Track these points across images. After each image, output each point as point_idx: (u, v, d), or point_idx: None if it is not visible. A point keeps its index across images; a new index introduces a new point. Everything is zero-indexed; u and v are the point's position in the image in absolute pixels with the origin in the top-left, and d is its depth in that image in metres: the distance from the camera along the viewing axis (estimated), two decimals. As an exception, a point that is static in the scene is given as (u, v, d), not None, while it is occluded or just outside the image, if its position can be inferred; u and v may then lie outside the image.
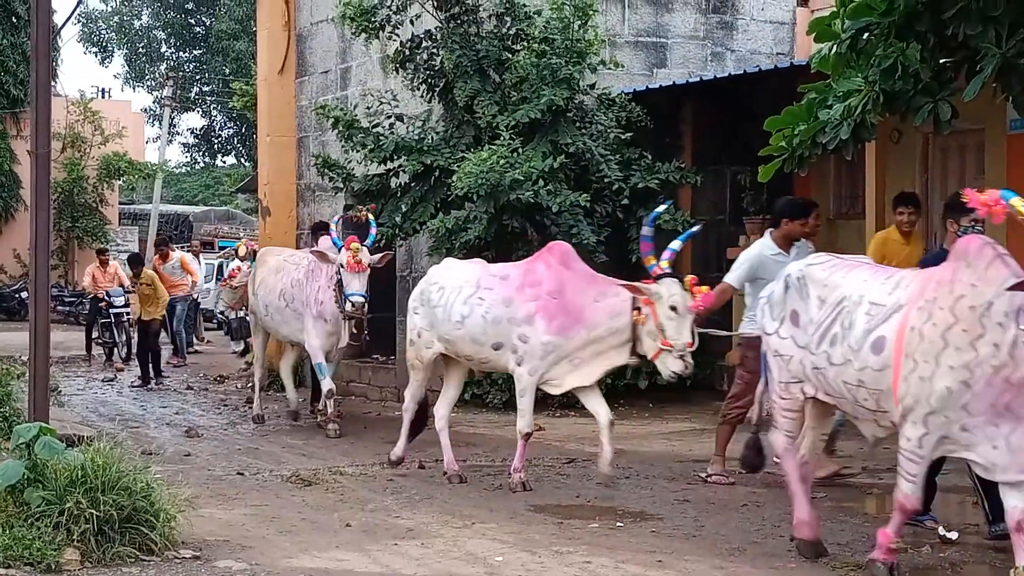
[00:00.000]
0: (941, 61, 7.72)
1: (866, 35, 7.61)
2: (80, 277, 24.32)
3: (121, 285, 20.21)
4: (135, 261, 20.10)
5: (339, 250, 12.58)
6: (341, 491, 9.71)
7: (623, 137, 14.09)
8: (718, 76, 15.01)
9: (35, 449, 7.17)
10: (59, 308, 27.84)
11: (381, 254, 12.83)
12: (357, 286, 12.45)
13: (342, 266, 12.44)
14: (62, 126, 33.88)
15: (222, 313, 22.85)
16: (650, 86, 15.14)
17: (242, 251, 22.61)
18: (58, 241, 32.94)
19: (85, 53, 54.22)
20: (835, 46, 7.76)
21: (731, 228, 15.66)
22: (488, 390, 14.18)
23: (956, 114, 7.63)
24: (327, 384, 13.03)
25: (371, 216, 13.22)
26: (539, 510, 8.98)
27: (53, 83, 12.14)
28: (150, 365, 18.32)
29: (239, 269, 20.06)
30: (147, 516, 7.21)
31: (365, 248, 12.54)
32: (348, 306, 12.44)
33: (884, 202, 13.57)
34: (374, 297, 17.36)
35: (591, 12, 13.88)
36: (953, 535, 7.83)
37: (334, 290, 12.72)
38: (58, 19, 33.36)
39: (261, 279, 14.08)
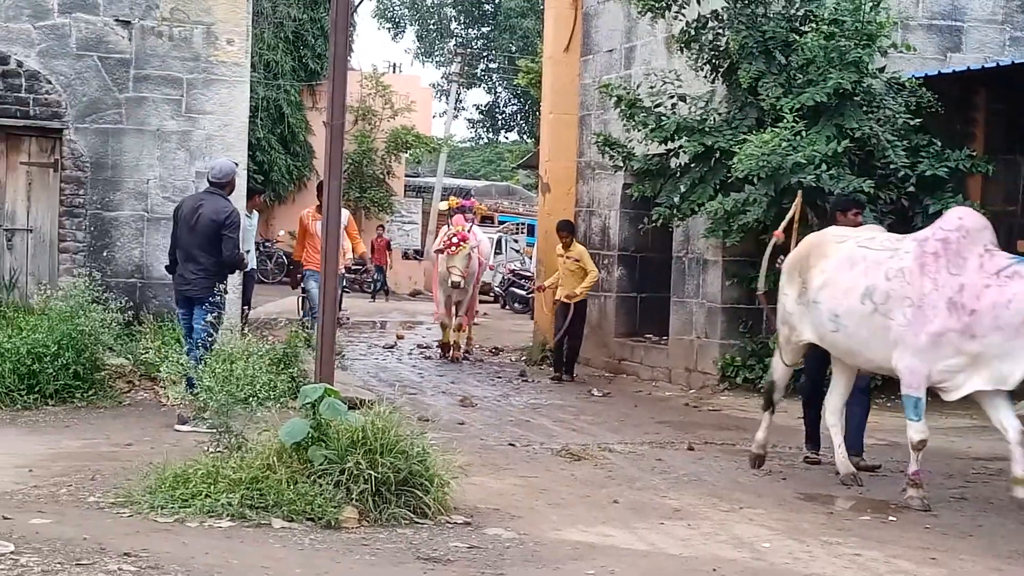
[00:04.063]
0: None
1: None
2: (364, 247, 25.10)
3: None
4: (567, 228, 16.58)
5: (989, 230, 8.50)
6: (609, 468, 9.78)
7: (911, 123, 13.68)
8: (1016, 62, 14.41)
9: (320, 409, 7.41)
10: (345, 275, 28.78)
11: None
12: None
13: None
14: (355, 99, 34.98)
15: (500, 285, 22.98)
16: (943, 71, 14.65)
17: (444, 206, 20.71)
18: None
19: (379, 28, 56.10)
20: None
21: (1022, 221, 15.07)
22: (760, 375, 14.04)
23: None
24: (918, 431, 8.60)
25: None
26: (808, 499, 8.86)
27: (348, 57, 12.51)
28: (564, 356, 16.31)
29: (462, 231, 18.03)
30: (422, 480, 7.41)
31: None
32: None
33: None
34: (646, 277, 17.48)
35: (884, -7, 13.53)
36: None
37: None
38: (354, -4, 34.46)
39: (822, 280, 9.22)
